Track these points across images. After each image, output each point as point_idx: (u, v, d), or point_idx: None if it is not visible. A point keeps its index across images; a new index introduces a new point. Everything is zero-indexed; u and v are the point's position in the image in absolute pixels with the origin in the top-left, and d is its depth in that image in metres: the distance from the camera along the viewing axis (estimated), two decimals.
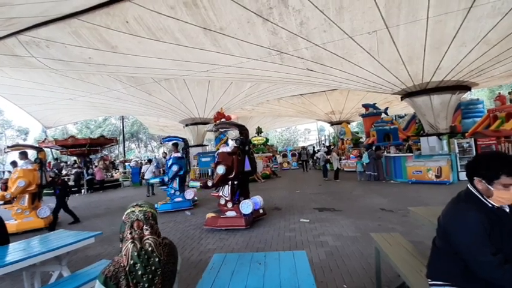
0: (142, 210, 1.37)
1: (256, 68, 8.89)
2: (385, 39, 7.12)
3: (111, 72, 11.37)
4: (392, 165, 9.65)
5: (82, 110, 17.43)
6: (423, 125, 9.69)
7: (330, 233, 4.43)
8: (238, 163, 5.47)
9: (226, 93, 15.12)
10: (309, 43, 7.41)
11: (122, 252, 1.30)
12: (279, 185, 11.16)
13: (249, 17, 6.78)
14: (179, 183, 7.78)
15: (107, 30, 7.59)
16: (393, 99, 22.26)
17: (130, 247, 1.28)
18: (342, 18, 6.57)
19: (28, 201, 5.81)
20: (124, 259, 1.27)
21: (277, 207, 6.82)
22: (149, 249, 1.31)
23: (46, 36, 7.99)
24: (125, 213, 1.38)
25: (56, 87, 13.15)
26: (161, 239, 1.42)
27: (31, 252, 2.39)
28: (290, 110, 23.82)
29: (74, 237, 2.81)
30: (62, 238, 2.83)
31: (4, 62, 9.90)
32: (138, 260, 1.27)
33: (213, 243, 4.32)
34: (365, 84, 9.27)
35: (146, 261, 1.28)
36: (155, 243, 1.34)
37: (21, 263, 2.21)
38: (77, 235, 2.93)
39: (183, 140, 8.38)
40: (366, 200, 7.00)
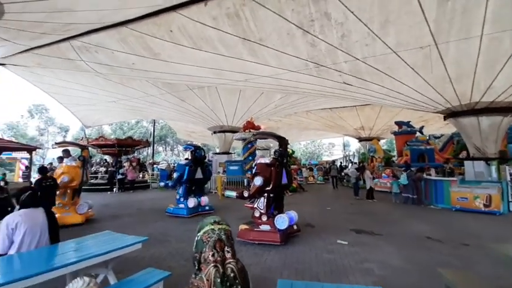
0: (222, 228, 1.29)
1: (292, 79, 8.85)
2: (432, 55, 6.77)
3: (151, 78, 11.92)
4: (433, 189, 8.96)
5: (119, 112, 18.42)
6: (468, 148, 8.98)
7: (374, 259, 4.10)
8: (276, 175, 5.38)
9: (256, 103, 15.24)
10: (349, 56, 7.25)
11: (203, 276, 1.22)
12: (307, 200, 10.84)
13: (289, 28, 6.80)
14: (184, 190, 7.90)
15: (152, 38, 7.99)
16: (429, 119, 21.14)
17: (212, 272, 1.21)
18: (386, 32, 6.37)
19: (69, 197, 6.12)
20: (206, 284, 1.20)
21: (310, 224, 6.57)
22: (231, 275, 1.24)
23: (96, 42, 8.58)
24: (203, 231, 1.30)
25: (99, 89, 14.03)
26: (240, 264, 1.33)
27: (82, 255, 2.38)
28: (318, 123, 23.45)
29: (123, 241, 2.80)
30: (110, 241, 2.83)
31: (57, 64, 10.75)
32: (221, 287, 1.20)
33: (247, 258, 4.18)
34: (405, 101, 8.84)
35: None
36: (237, 268, 1.27)
37: (72, 266, 2.21)
38: (125, 239, 2.92)
39: (194, 147, 8.55)
40: (407, 225, 6.54)
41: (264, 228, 5.25)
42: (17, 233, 2.54)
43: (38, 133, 40.18)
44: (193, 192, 8.07)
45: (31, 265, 2.22)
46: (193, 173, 7.93)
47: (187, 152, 9.70)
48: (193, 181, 7.99)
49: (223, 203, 10.10)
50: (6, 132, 31.85)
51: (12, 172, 20.66)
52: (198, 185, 8.26)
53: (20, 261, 2.41)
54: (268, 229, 5.21)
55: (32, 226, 2.61)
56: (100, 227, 6.14)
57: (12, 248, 2.53)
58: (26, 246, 2.56)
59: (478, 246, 4.77)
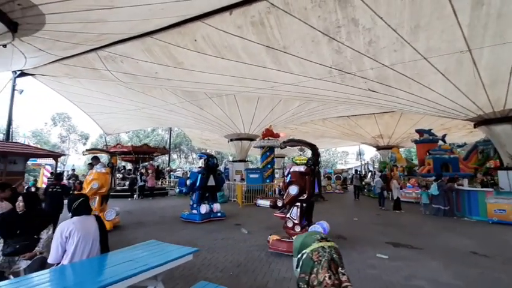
0: (332, 246, 1.15)
1: (314, 86, 8.75)
2: (464, 60, 6.51)
3: (172, 87, 12.14)
4: (466, 200, 8.48)
5: (138, 120, 18.85)
6: (501, 157, 8.50)
7: (422, 276, 3.81)
8: (310, 184, 5.25)
9: (273, 111, 15.19)
10: (376, 63, 7.08)
11: None
12: (330, 210, 10.53)
13: (314, 35, 6.74)
14: (197, 196, 8.22)
15: (176, 47, 8.13)
16: (451, 127, 20.41)
17: None
18: (416, 37, 6.19)
19: (98, 203, 6.18)
20: None
21: (342, 236, 6.30)
22: None
23: (122, 52, 8.83)
24: (311, 249, 1.14)
25: (121, 98, 14.42)
26: None
27: (137, 268, 2.23)
28: (334, 131, 23.09)
29: (173, 252, 2.65)
30: (160, 251, 2.70)
31: (83, 74, 11.14)
32: None
33: (285, 271, 3.99)
34: (433, 108, 8.52)
35: None
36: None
37: (127, 280, 2.08)
38: (174, 249, 2.77)
39: (207, 156, 8.91)
40: (445, 238, 6.17)
41: None
42: (70, 242, 2.46)
43: (60, 140, 41.71)
44: (206, 199, 8.42)
45: (86, 278, 2.14)
46: (205, 180, 8.28)
47: (200, 160, 9.87)
48: (205, 188, 8.34)
49: (244, 211, 9.98)
50: (32, 140, 33.24)
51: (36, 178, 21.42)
52: (211, 192, 8.60)
53: (74, 273, 2.29)
54: None
55: (85, 234, 2.54)
56: (128, 235, 6.16)
57: (65, 258, 2.46)
58: (78, 256, 2.48)
59: None
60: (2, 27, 4.31)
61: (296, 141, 6.56)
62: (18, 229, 2.94)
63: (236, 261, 4.21)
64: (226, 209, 10.58)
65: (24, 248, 2.93)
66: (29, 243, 2.96)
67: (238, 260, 4.41)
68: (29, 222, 3.02)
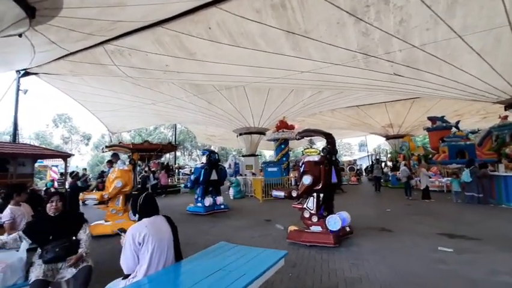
0: None
1: (335, 73, 8.32)
2: (503, 38, 6.07)
3: (183, 80, 11.71)
4: (502, 187, 8.10)
5: (144, 117, 18.46)
6: None
7: (505, 271, 3.44)
8: (325, 174, 5.09)
9: (284, 102, 14.76)
10: (405, 44, 6.64)
11: None
12: (356, 202, 10.16)
13: (340, 16, 6.29)
14: (201, 190, 8.76)
15: (188, 37, 7.70)
16: (464, 113, 19.97)
17: None
18: (453, 14, 5.73)
19: (122, 202, 5.83)
20: None
21: (385, 228, 5.93)
22: None
23: (130, 45, 8.40)
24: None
25: (128, 95, 14.02)
26: None
27: (232, 282, 1.78)
28: (343, 122, 22.66)
29: (264, 257, 2.22)
30: (243, 256, 2.24)
31: (88, 70, 10.73)
32: None
33: (350, 271, 3.61)
34: (463, 91, 8.09)
35: None
36: None
37: None
38: (258, 253, 2.32)
39: (209, 152, 9.41)
40: (496, 227, 5.76)
41: (315, 230, 5.07)
42: (144, 250, 2.00)
43: (63, 141, 41.41)
44: (210, 192, 8.97)
45: None
46: (208, 175, 8.83)
47: (203, 157, 10.15)
48: (209, 182, 8.88)
49: (267, 206, 9.64)
50: (35, 142, 32.96)
51: (42, 180, 21.15)
52: (214, 186, 9.14)
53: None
54: (320, 230, 5.01)
55: (160, 240, 2.08)
56: None
57: (139, 269, 2.01)
58: (154, 267, 2.02)
59: None
60: (20, 13, 3.86)
61: (312, 131, 6.45)
62: (51, 234, 2.55)
63: (288, 260, 3.84)
64: (247, 204, 10.44)
65: (65, 252, 2.54)
66: (69, 245, 2.58)
67: (289, 259, 4.02)
68: (64, 224, 2.64)
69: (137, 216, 2.21)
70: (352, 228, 5.41)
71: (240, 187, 12.13)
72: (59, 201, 2.65)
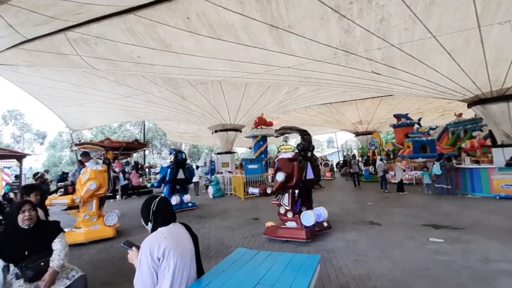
0: None
1: (316, 70, 8.33)
2: (472, 39, 6.48)
3: (155, 73, 10.98)
4: (468, 178, 8.78)
5: (111, 114, 17.14)
6: (494, 135, 8.90)
7: (497, 258, 3.58)
8: (299, 170, 5.16)
9: (260, 99, 14.62)
10: (385, 43, 6.82)
11: None
12: (336, 197, 10.42)
13: (324, 12, 6.25)
14: (168, 189, 9.04)
15: (165, 27, 7.18)
16: (425, 110, 21.53)
17: None
18: (430, 14, 5.98)
19: (96, 207, 5.18)
20: None
21: (373, 222, 6.05)
22: None
23: (97, 33, 7.64)
24: None
25: (91, 88, 12.87)
26: None
27: None
28: (316, 119, 23.21)
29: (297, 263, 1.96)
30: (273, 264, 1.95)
31: (46, 60, 9.61)
32: None
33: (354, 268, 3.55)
34: (434, 90, 8.57)
35: None
36: None
37: None
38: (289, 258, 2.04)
39: (176, 152, 9.52)
40: (473, 216, 6.13)
41: (290, 225, 5.19)
42: (165, 266, 1.64)
43: (14, 140, 37.25)
44: (178, 191, 9.21)
45: None
46: (175, 174, 9.03)
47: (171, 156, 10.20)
48: (176, 181, 9.13)
49: (250, 204, 9.46)
50: None
51: None
52: (181, 185, 9.36)
53: None
54: (295, 226, 5.13)
55: (182, 253, 1.72)
56: (137, 240, 5.20)
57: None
58: (177, 286, 1.68)
59: None
60: None
61: (288, 128, 6.53)
62: (26, 249, 2.10)
63: None
64: (229, 203, 10.17)
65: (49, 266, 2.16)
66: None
67: None
68: (40, 236, 2.19)
69: (150, 226, 1.82)
70: (330, 223, 5.50)
71: (219, 185, 11.79)
72: (32, 209, 2.20)
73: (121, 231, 5.82)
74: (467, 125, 16.97)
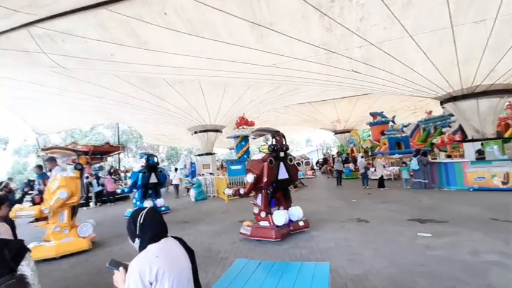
0: None
1: (297, 68, 8.31)
2: (445, 39, 6.77)
3: (131, 72, 10.42)
4: (443, 172, 9.19)
5: (81, 116, 16.11)
6: (465, 131, 9.42)
7: (484, 250, 3.69)
8: (269, 171, 5.17)
9: (241, 98, 14.43)
10: (364, 41, 6.93)
11: None
12: (319, 195, 10.42)
13: (306, 11, 6.22)
14: (140, 194, 8.89)
15: (140, 22, 6.79)
16: (398, 108, 22.49)
17: None
18: (407, 14, 6.15)
19: (68, 217, 4.67)
20: None
21: (360, 218, 6.08)
22: None
23: (65, 29, 7.09)
24: None
25: (60, 89, 11.98)
26: None
27: None
28: (296, 118, 23.44)
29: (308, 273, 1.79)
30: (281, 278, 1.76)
31: (7, 59, 8.82)
32: None
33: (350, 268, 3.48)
34: (409, 88, 8.89)
35: None
36: None
37: None
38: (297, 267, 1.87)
39: (148, 156, 9.40)
40: (454, 209, 6.35)
41: (263, 225, 5.25)
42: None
43: None
44: (150, 196, 9.05)
45: None
46: (147, 178, 8.89)
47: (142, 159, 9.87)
48: (148, 186, 9.00)
49: (234, 206, 9.22)
50: None
51: None
52: (154, 189, 9.23)
53: None
54: (267, 225, 5.18)
55: (178, 273, 1.44)
56: (118, 252, 4.87)
57: None
58: None
59: None
60: None
61: (263, 130, 6.67)
62: None
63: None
64: (213, 206, 9.87)
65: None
66: (16, 282, 1.81)
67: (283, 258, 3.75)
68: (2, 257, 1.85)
69: (137, 242, 1.54)
70: (307, 222, 5.53)
71: (201, 188, 11.44)
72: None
73: (97, 242, 5.35)
74: (436, 121, 17.91)
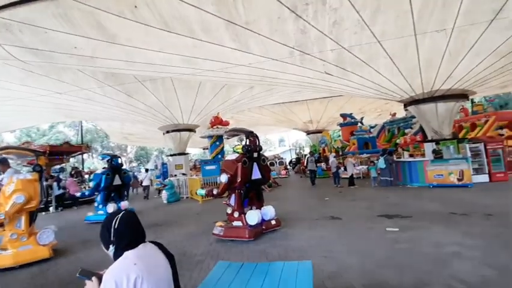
0: None
1: (272, 69, 8.38)
2: (409, 45, 7.24)
3: (96, 67, 9.76)
4: (407, 170, 9.83)
5: (39, 113, 14.79)
6: (425, 132, 10.18)
7: (446, 242, 3.93)
8: (243, 171, 5.25)
9: (215, 98, 14.22)
10: (337, 45, 7.18)
11: None
12: (294, 194, 10.58)
13: (281, 12, 6.29)
14: (102, 197, 8.57)
15: (108, 15, 6.40)
16: (366, 110, 23.67)
17: None
18: (375, 20, 6.47)
19: (25, 223, 4.18)
20: None
21: (334, 216, 6.25)
22: None
23: (22, 18, 6.51)
24: None
25: (15, 84, 10.89)
26: None
27: None
28: (270, 118, 23.66)
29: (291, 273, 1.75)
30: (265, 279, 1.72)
31: None
32: None
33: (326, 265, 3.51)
34: (377, 91, 9.38)
35: None
36: None
37: None
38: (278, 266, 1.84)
39: (111, 157, 9.07)
40: (416, 205, 6.78)
41: (237, 225, 5.28)
42: None
43: None
44: (113, 198, 8.70)
45: None
46: (111, 180, 8.53)
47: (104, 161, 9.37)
48: (111, 188, 8.67)
49: (210, 207, 9.03)
50: None
51: None
52: (117, 191, 8.91)
53: None
54: (240, 225, 5.22)
55: (157, 281, 1.31)
56: (84, 260, 4.50)
57: None
58: None
59: (501, 215, 5.16)
60: None
61: (237, 130, 6.74)
62: None
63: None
64: (187, 207, 9.60)
65: None
66: None
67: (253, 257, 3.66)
68: None
69: (112, 249, 1.39)
70: (279, 221, 5.65)
71: (174, 189, 11.07)
72: None
73: (59, 249, 4.89)
74: (400, 123, 19.13)
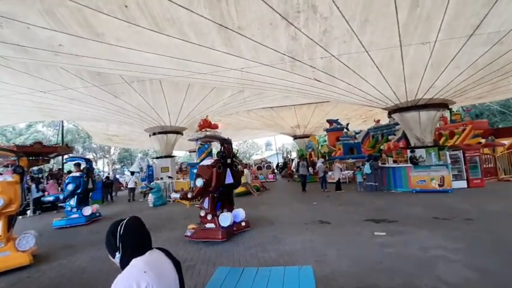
0: None
1: (263, 73, 8.45)
2: (395, 56, 7.51)
3: (81, 66, 9.47)
4: (391, 176, 10.12)
5: (17, 112, 14.12)
6: (409, 139, 10.57)
7: (431, 246, 4.07)
8: (218, 176, 5.51)
9: (204, 100, 14.13)
10: (326, 53, 7.34)
11: None
12: (282, 198, 10.64)
13: (273, 18, 6.38)
14: (77, 200, 8.48)
15: (96, 13, 6.25)
16: (352, 117, 24.24)
17: None
18: (364, 31, 6.68)
19: (3, 228, 3.92)
20: None
21: (323, 220, 6.32)
22: None
23: (3, 12, 6.22)
24: None
25: None
26: None
27: None
28: (258, 122, 23.74)
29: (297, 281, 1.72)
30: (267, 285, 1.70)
31: None
32: None
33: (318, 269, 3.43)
34: (364, 98, 9.65)
35: None
36: None
37: None
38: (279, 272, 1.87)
39: (86, 160, 9.21)
40: (401, 209, 6.99)
41: (209, 227, 5.51)
42: None
43: None
44: (83, 201, 8.72)
45: None
46: (87, 183, 8.74)
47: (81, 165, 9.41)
48: (88, 191, 8.89)
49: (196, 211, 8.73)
50: None
51: None
52: (87, 195, 9.07)
53: None
54: (213, 227, 5.46)
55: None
56: (68, 266, 4.30)
57: None
58: None
59: (479, 219, 5.42)
60: None
61: (211, 137, 7.12)
62: None
63: None
64: (174, 211, 9.39)
65: None
66: None
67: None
68: None
69: (118, 257, 1.35)
70: (248, 223, 5.95)
71: (161, 193, 10.81)
72: None
73: (39, 255, 4.63)
74: (383, 129, 19.72)
